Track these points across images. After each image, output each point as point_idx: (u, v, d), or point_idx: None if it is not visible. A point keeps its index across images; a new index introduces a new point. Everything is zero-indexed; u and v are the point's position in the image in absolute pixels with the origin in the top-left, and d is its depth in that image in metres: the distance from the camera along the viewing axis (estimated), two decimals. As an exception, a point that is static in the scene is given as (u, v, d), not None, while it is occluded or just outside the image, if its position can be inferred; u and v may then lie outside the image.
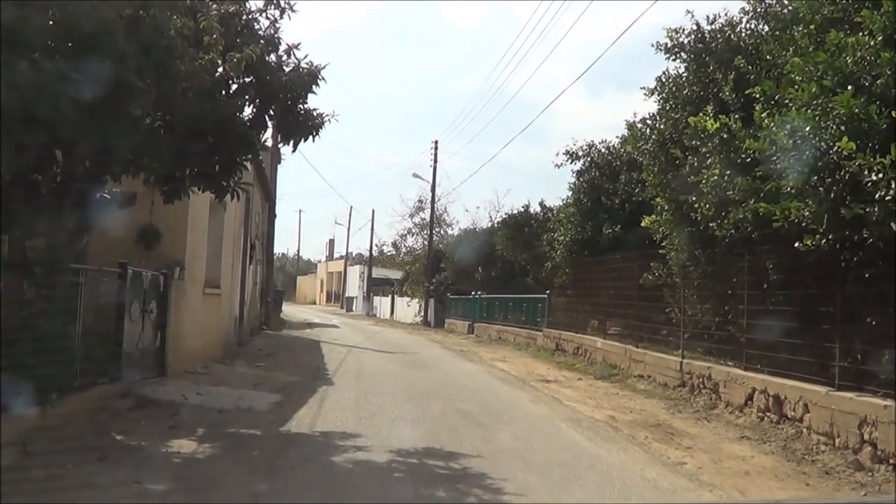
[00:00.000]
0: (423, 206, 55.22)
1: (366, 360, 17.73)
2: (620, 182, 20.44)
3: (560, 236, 21.66)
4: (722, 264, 12.10)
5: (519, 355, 21.54)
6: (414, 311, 43.27)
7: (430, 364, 17.54)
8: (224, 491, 6.39)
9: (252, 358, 16.09)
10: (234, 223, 15.33)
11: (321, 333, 27.46)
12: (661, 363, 14.29)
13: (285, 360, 16.32)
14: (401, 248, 59.83)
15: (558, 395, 13.29)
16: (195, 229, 12.75)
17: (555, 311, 23.31)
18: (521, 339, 24.99)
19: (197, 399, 10.43)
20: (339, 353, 18.90)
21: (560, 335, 21.43)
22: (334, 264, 79.35)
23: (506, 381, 14.96)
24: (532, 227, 28.87)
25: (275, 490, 6.25)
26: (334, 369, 15.13)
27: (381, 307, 54.06)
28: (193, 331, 12.81)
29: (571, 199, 21.70)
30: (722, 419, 10.95)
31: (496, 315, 29.23)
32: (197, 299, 13.05)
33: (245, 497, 6.16)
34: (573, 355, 19.98)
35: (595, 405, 12.21)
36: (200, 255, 13.19)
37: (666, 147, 12.88)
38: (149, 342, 11.23)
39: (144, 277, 10.89)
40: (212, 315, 14.01)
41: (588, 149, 21.91)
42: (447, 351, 22.32)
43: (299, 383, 12.80)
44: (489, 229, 35.93)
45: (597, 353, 18.27)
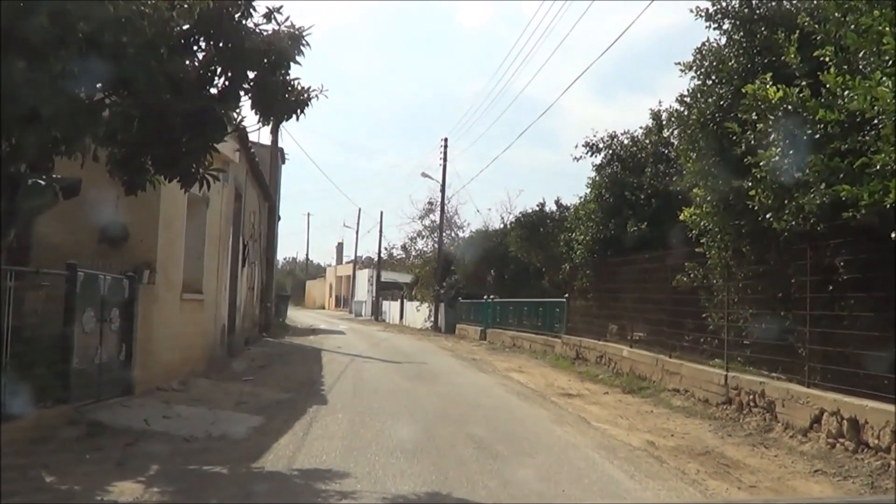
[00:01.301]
0: (433, 208, 53.73)
1: (368, 371, 16.09)
2: (646, 175, 18.79)
3: (580, 235, 19.98)
4: (777, 263, 10.41)
5: (536, 365, 19.87)
6: (424, 315, 41.62)
7: (439, 376, 15.88)
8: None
9: (241, 371, 14.48)
10: (219, 221, 13.74)
11: (325, 341, 25.86)
12: (701, 376, 12.60)
13: (278, 373, 14.70)
14: (410, 251, 58.35)
15: (584, 413, 11.63)
16: (169, 227, 11.16)
17: (574, 317, 21.62)
18: (538, 346, 23.30)
19: (162, 424, 8.82)
20: (339, 364, 17.27)
21: (580, 342, 19.74)
22: (343, 268, 77.83)
23: (523, 397, 13.29)
24: (548, 226, 27.20)
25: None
26: (331, 384, 13.50)
27: (391, 312, 52.44)
28: (168, 342, 11.21)
29: (592, 194, 20.03)
30: (782, 445, 9.26)
31: (510, 320, 27.53)
32: (172, 306, 11.46)
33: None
34: (596, 364, 18.28)
35: (629, 427, 10.56)
36: (176, 257, 11.60)
37: (708, 128, 11.20)
38: (110, 356, 9.63)
39: (102, 281, 9.29)
40: (192, 323, 12.42)
41: (609, 140, 20.24)
42: (458, 360, 20.66)
43: (288, 402, 11.18)
44: (502, 230, 34.28)
45: (623, 363, 16.59)
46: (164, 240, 10.94)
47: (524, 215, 27.58)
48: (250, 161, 17.72)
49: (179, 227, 11.67)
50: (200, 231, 12.80)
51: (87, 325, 8.91)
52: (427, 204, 54.10)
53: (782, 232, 9.33)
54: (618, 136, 20.27)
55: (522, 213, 27.71)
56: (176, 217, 11.47)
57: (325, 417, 9.90)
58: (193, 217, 12.62)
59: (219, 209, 13.67)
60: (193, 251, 12.63)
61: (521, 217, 27.63)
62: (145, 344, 10.44)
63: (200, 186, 8.69)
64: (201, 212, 12.81)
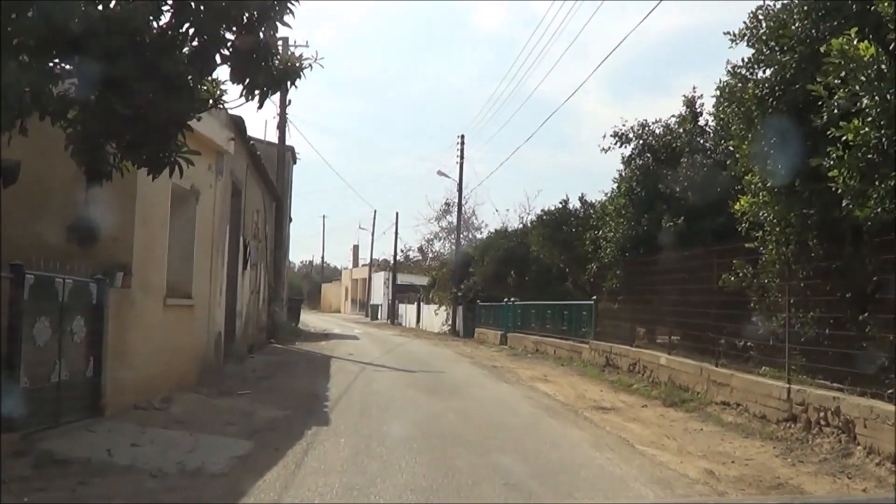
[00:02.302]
0: (449, 209, 52.40)
1: (379, 383, 14.62)
2: (682, 166, 17.22)
3: (609, 233, 18.46)
4: (853, 258, 8.89)
5: (563, 373, 18.35)
6: (441, 319, 40.16)
7: (458, 387, 14.41)
8: None
9: (238, 383, 13.07)
10: (211, 218, 12.34)
11: (336, 347, 24.44)
12: (757, 388, 11.07)
13: (279, 386, 13.28)
14: (427, 253, 57.00)
15: (625, 433, 10.14)
16: (149, 223, 9.78)
17: (602, 320, 20.09)
18: (563, 352, 21.78)
19: (128, 454, 7.40)
20: (348, 374, 15.84)
21: (611, 348, 18.21)
22: (359, 271, 76.53)
23: (553, 413, 11.80)
24: (571, 225, 25.67)
25: None
26: (336, 398, 12.05)
27: (407, 315, 51.05)
28: (148, 353, 9.81)
29: (622, 188, 18.50)
30: (868, 475, 7.74)
31: (532, 324, 26.00)
32: (154, 312, 10.06)
33: None
34: (629, 373, 16.75)
35: (679, 450, 9.07)
36: (158, 257, 10.21)
37: (766, 103, 9.67)
38: (74, 373, 8.23)
39: (60, 286, 7.90)
40: (179, 331, 11.02)
41: (640, 129, 18.71)
42: (478, 368, 19.17)
43: (284, 422, 9.74)
44: (523, 230, 32.79)
45: (660, 372, 15.05)
46: (142, 238, 9.55)
47: (546, 213, 26.05)
48: (251, 155, 16.34)
49: (162, 224, 10.28)
50: (189, 229, 11.41)
51: (41, 337, 7.51)
52: (444, 205, 52.81)
53: (865, 221, 7.81)
54: (649, 124, 18.75)
55: (544, 210, 26.20)
56: (157, 212, 10.09)
57: (324, 443, 8.44)
58: (180, 213, 11.24)
59: (211, 205, 12.28)
60: (180, 251, 11.25)
61: (544, 215, 26.11)
62: (119, 357, 9.04)
63: (171, 172, 7.30)
64: (189, 207, 11.42)
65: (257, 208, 18.54)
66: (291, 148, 35.07)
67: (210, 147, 11.85)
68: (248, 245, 16.27)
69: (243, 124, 13.99)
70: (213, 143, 11.79)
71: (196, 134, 11.20)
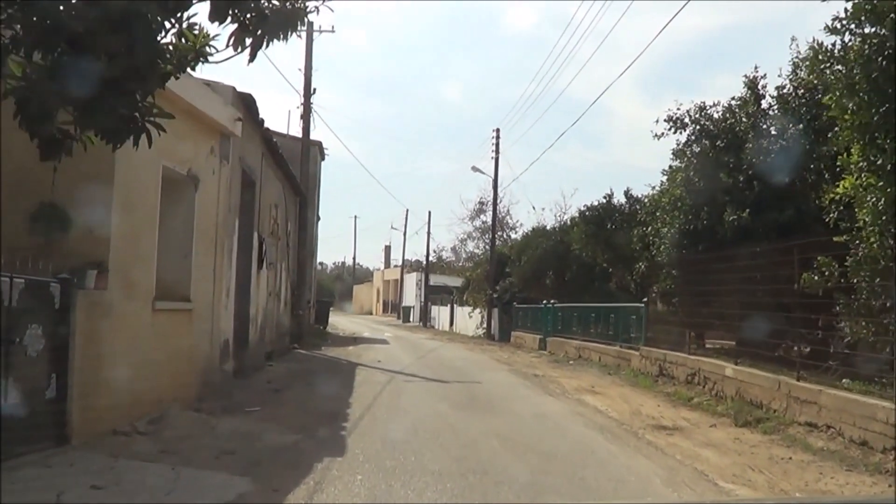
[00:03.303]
0: (483, 208, 50.90)
1: (408, 396, 12.97)
2: (746, 153, 15.42)
3: (662, 228, 16.68)
4: None
5: (611, 383, 16.59)
6: (476, 322, 38.47)
7: (497, 402, 12.72)
8: None
9: (248, 397, 11.52)
10: (215, 210, 10.79)
11: (364, 352, 22.87)
12: (853, 408, 9.27)
13: (294, 401, 11.71)
14: (460, 254, 55.50)
15: (699, 462, 8.44)
16: (132, 213, 8.25)
17: (654, 325, 18.30)
18: (610, 358, 19.99)
19: (85, 498, 5.85)
20: (374, 386, 14.24)
21: (665, 356, 16.41)
22: (391, 272, 75.13)
23: (610, 434, 10.09)
24: (615, 221, 23.92)
25: None
26: (358, 417, 10.43)
27: (440, 317, 49.45)
28: (132, 367, 8.27)
29: (677, 179, 16.72)
30: None
31: (574, 328, 24.20)
32: (138, 318, 8.53)
33: None
34: (686, 384, 14.96)
35: (770, 486, 7.46)
36: (145, 253, 8.68)
37: (874, 64, 7.87)
38: (29, 393, 6.71)
39: (5, 287, 6.37)
40: (172, 340, 9.47)
41: (698, 113, 16.90)
42: (517, 377, 17.47)
43: (292, 450, 8.14)
44: (562, 227, 31.02)
45: (725, 384, 13.26)
46: (123, 229, 8.01)
47: (589, 209, 24.30)
48: (267, 142, 14.80)
49: (149, 215, 8.74)
50: (186, 221, 9.87)
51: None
52: (477, 204, 51.33)
53: None
54: (706, 107, 16.92)
55: (587, 206, 24.43)
56: (144, 200, 8.55)
57: (336, 481, 6.82)
58: (175, 203, 9.72)
59: (215, 194, 10.74)
60: (176, 247, 9.72)
61: (586, 211, 24.36)
62: (91, 373, 7.51)
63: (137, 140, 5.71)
64: (187, 196, 9.89)
65: (275, 202, 17.01)
66: (319, 143, 33.69)
67: (211, 127, 10.33)
68: (263, 242, 14.74)
69: (254, 104, 12.42)
70: (215, 121, 10.26)
71: (194, 110, 9.70)
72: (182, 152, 9.47)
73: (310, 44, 23.03)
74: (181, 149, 9.44)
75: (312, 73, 23.41)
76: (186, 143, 9.60)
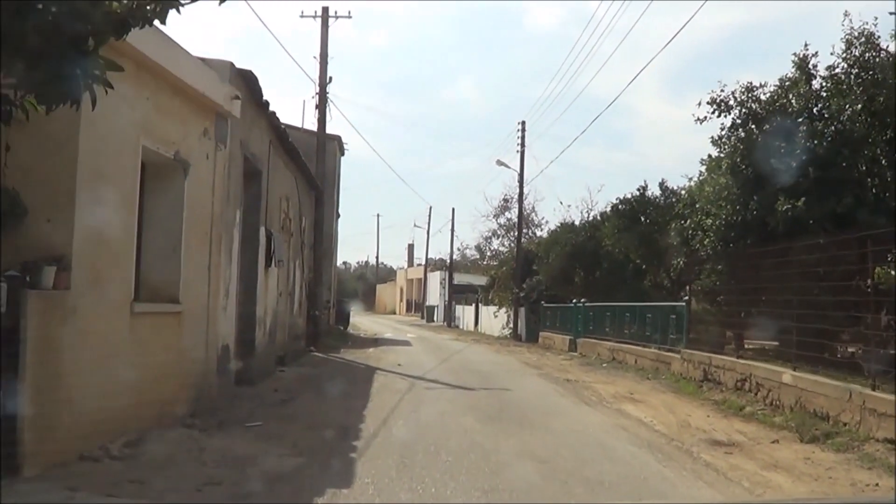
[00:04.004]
0: (508, 205, 49.48)
1: (430, 407, 11.65)
2: (798, 137, 14.00)
3: (707, 220, 15.27)
4: None
5: (651, 389, 15.21)
6: (501, 321, 37.11)
7: (529, 414, 11.38)
8: None
9: (250, 409, 10.30)
10: (210, 199, 9.54)
11: (384, 355, 21.62)
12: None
13: (302, 412, 10.46)
14: (485, 252, 54.12)
15: (771, 489, 7.17)
16: (102, 198, 7.03)
17: (696, 325, 16.88)
18: (647, 361, 18.58)
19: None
20: (393, 394, 12.96)
21: (710, 360, 15.00)
22: (414, 271, 73.91)
23: (661, 453, 8.74)
24: (650, 214, 22.50)
25: None
26: (371, 434, 9.14)
27: (464, 317, 48.15)
28: (105, 380, 7.07)
29: (722, 166, 15.30)
30: None
31: (607, 329, 22.78)
32: (113, 323, 7.31)
33: None
34: (736, 391, 13.56)
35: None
36: (120, 248, 7.46)
37: None
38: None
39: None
40: (157, 347, 8.23)
41: (745, 94, 15.46)
42: (549, 382, 16.11)
43: (290, 479, 6.88)
44: (592, 223, 29.60)
45: (783, 393, 11.86)
46: (90, 218, 6.79)
47: (622, 201, 22.89)
48: (275, 129, 13.56)
49: (126, 201, 7.52)
50: (174, 211, 8.64)
51: None
52: (502, 201, 49.91)
53: None
54: (754, 89, 15.48)
55: (620, 199, 23.02)
56: (118, 184, 7.33)
57: (337, 523, 5.55)
58: (160, 190, 8.52)
59: (209, 181, 9.50)
60: (161, 241, 8.51)
61: (619, 204, 22.94)
62: (49, 387, 6.30)
63: (77, 102, 4.47)
64: (174, 183, 8.66)
65: (285, 195, 15.77)
66: (338, 137, 32.52)
67: (203, 105, 9.10)
68: (272, 238, 13.51)
69: (255, 82, 11.15)
70: (208, 99, 9.02)
71: (182, 85, 8.47)
72: (167, 132, 8.25)
73: (325, 30, 21.81)
74: (166, 128, 8.22)
75: (328, 61, 22.18)
76: (173, 121, 8.38)
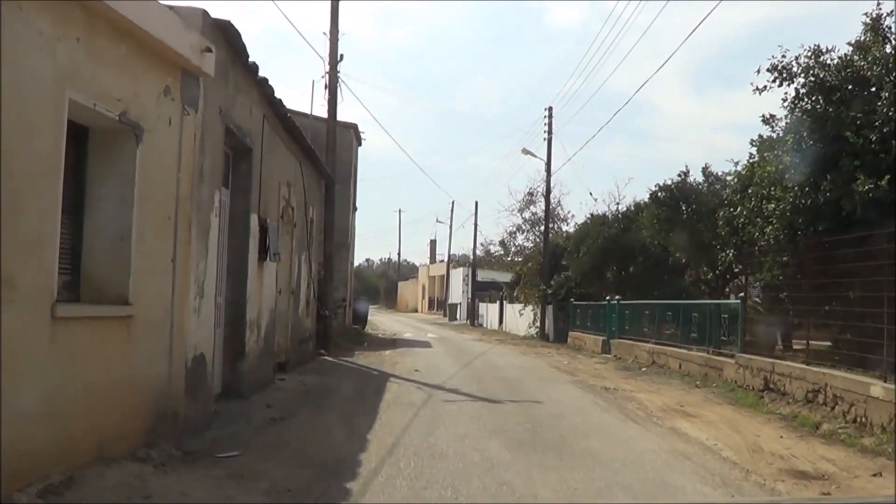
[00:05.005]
0: (533, 199, 47.58)
1: (448, 428, 9.68)
2: (879, 107, 12.00)
3: (770, 204, 13.27)
4: None
5: (703, 400, 13.26)
6: (527, 320, 35.16)
7: (568, 436, 9.42)
8: None
9: (228, 433, 8.47)
10: (174, 175, 7.68)
11: (402, 358, 19.79)
12: None
13: (292, 437, 8.62)
14: (509, 247, 52.21)
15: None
16: (8, 170, 5.19)
17: (753, 326, 14.88)
18: (694, 367, 16.59)
19: None
20: (405, 409, 11.09)
21: (773, 366, 13.01)
22: (436, 267, 72.04)
23: (738, 493, 6.81)
24: (692, 203, 20.48)
25: None
26: (373, 468, 7.24)
27: (488, 315, 46.26)
28: (9, 409, 5.24)
29: (788, 141, 13.28)
30: None
31: (645, 329, 20.79)
32: (26, 332, 5.49)
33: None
34: (807, 404, 11.60)
35: None
36: (35, 232, 5.64)
37: None
38: None
39: None
40: (98, 362, 6.41)
41: (811, 60, 13.44)
42: (585, 391, 14.16)
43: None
44: (626, 214, 27.56)
45: (871, 408, 9.89)
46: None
47: (662, 188, 20.85)
48: (269, 101, 11.70)
49: (44, 170, 5.69)
50: (122, 187, 6.82)
51: None
52: (527, 194, 48.01)
53: None
54: (822, 53, 13.45)
55: (660, 185, 20.94)
56: (28, 147, 5.50)
57: None
58: (103, 159, 6.72)
59: (174, 153, 7.66)
60: (103, 225, 6.70)
61: (658, 191, 20.89)
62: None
63: None
64: (123, 151, 6.84)
65: (287, 181, 13.95)
66: (354, 126, 30.72)
67: (163, 57, 7.27)
68: (266, 227, 11.69)
69: (238, 38, 9.20)
70: (168, 48, 7.18)
71: (132, 28, 6.65)
72: (109, 85, 6.43)
73: (335, 2, 19.96)
74: (108, 80, 6.41)
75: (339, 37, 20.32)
76: (117, 73, 6.56)
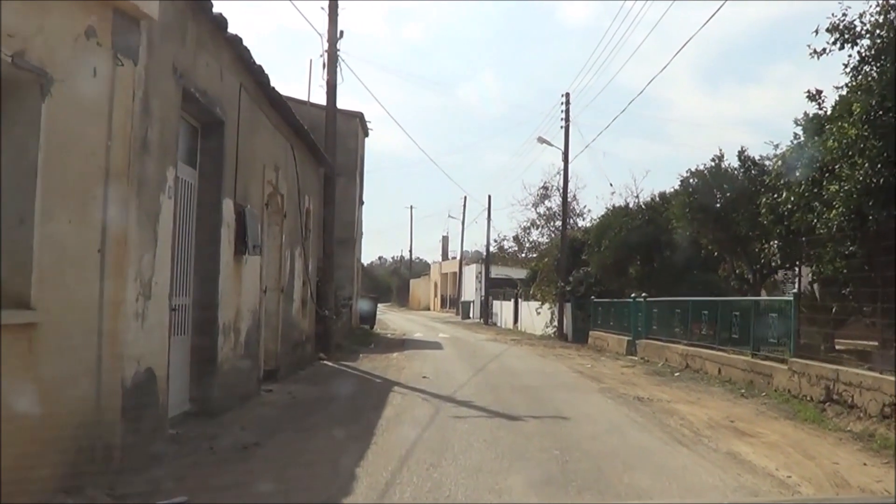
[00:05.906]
0: (548, 193, 45.89)
1: (457, 457, 7.87)
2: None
3: (833, 185, 11.45)
4: None
5: (755, 413, 11.44)
6: (544, 319, 33.33)
7: (607, 469, 7.59)
8: None
9: (181, 468, 6.74)
10: (102, 140, 5.95)
11: (410, 362, 18.06)
12: None
13: (263, 472, 6.88)
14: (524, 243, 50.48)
15: None
16: None
17: (807, 326, 13.04)
18: (736, 372, 14.75)
19: None
20: (409, 428, 9.32)
21: (837, 374, 11.17)
22: (448, 264, 70.23)
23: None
24: (727, 191, 18.62)
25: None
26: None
27: (503, 314, 44.45)
28: None
29: (855, 111, 11.43)
30: None
31: (676, 328, 18.93)
32: None
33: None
34: (883, 420, 9.76)
35: None
36: None
37: None
38: None
39: None
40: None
41: (878, 18, 11.60)
42: (618, 404, 12.31)
43: None
44: (651, 204, 25.70)
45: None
46: None
47: (693, 174, 19.01)
48: (247, 65, 9.95)
49: None
50: (21, 154, 5.12)
51: None
52: (541, 188, 46.34)
53: None
54: (891, 10, 11.61)
55: (691, 171, 19.08)
56: None
57: None
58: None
59: (101, 112, 5.94)
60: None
61: (691, 176, 19.05)
62: None
63: None
64: (23, 106, 5.14)
65: (275, 164, 12.22)
66: (359, 114, 28.99)
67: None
68: (244, 215, 9.96)
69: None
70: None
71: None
72: None
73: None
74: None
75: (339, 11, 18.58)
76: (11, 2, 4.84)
